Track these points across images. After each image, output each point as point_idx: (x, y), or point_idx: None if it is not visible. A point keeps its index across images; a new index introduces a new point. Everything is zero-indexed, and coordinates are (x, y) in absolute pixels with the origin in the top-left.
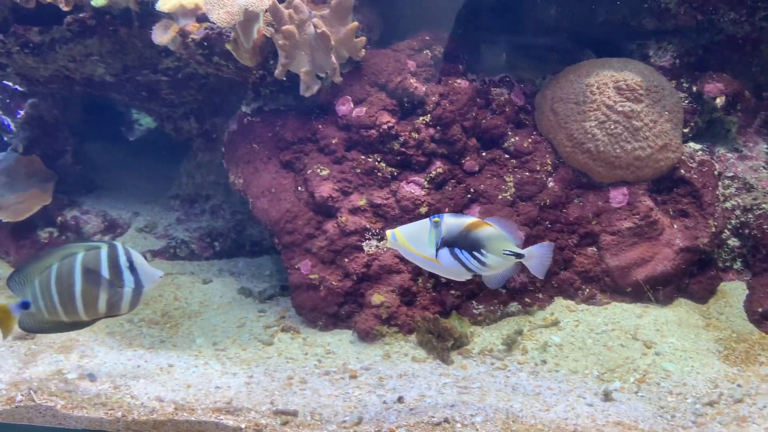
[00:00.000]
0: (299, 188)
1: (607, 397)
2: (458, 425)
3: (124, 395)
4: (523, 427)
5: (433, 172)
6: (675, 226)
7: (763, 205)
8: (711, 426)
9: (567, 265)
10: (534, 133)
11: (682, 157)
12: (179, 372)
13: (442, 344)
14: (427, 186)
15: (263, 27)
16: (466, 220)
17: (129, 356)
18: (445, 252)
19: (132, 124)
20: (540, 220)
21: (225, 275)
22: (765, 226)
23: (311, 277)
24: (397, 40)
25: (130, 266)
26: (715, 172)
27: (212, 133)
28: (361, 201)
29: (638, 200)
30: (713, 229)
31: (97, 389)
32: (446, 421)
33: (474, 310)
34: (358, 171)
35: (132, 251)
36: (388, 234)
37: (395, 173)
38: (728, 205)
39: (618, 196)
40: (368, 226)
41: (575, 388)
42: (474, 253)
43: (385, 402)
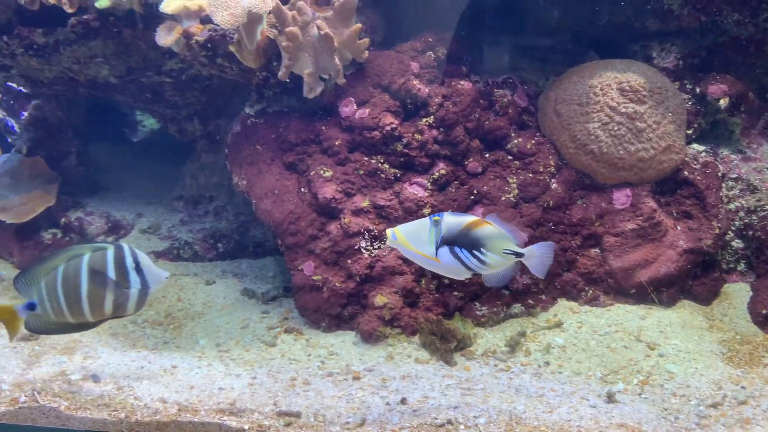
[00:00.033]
0: (302, 190)
1: (611, 398)
2: (461, 427)
3: (127, 396)
4: (526, 429)
5: (436, 174)
6: (678, 227)
7: (767, 207)
8: (715, 428)
9: (570, 267)
10: (537, 134)
11: (686, 159)
12: (182, 373)
13: (446, 346)
14: (430, 187)
15: (267, 29)
16: (466, 219)
17: (132, 357)
18: (445, 251)
19: (135, 125)
20: (543, 221)
21: (228, 276)
22: None
23: (314, 278)
24: (400, 41)
25: (137, 267)
26: (719, 174)
27: (216, 134)
28: (364, 202)
29: (642, 202)
30: (717, 231)
31: (100, 390)
32: (449, 422)
33: (477, 312)
34: (361, 172)
35: (138, 252)
36: (388, 233)
37: (398, 175)
38: (732, 206)
39: (621, 198)
40: (371, 227)
41: (578, 390)
42: (474, 251)
43: (388, 403)
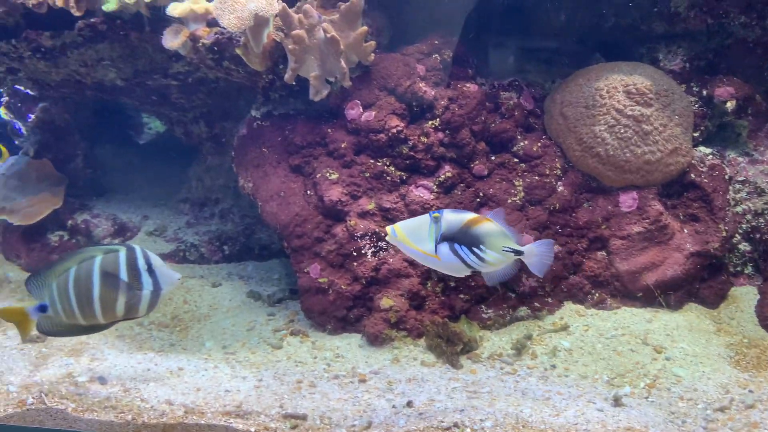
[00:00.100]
0: (308, 192)
1: (617, 402)
2: (468, 430)
3: (134, 398)
4: None
5: (442, 176)
6: (685, 230)
7: None
8: None
9: (577, 270)
10: (543, 137)
11: (693, 161)
12: (189, 375)
13: (452, 348)
14: (436, 190)
15: (273, 32)
16: (466, 216)
17: (139, 359)
18: (445, 248)
19: (141, 127)
20: (549, 224)
21: (234, 279)
22: None
23: (320, 280)
24: (406, 44)
25: (149, 269)
26: (726, 177)
27: (222, 137)
28: (370, 205)
29: (648, 204)
30: (724, 234)
31: (107, 392)
32: (456, 425)
33: (483, 315)
34: (367, 175)
35: (150, 254)
36: (388, 229)
37: (404, 177)
38: (739, 209)
39: (628, 201)
40: (377, 230)
41: (585, 393)
42: (473, 249)
43: (394, 406)
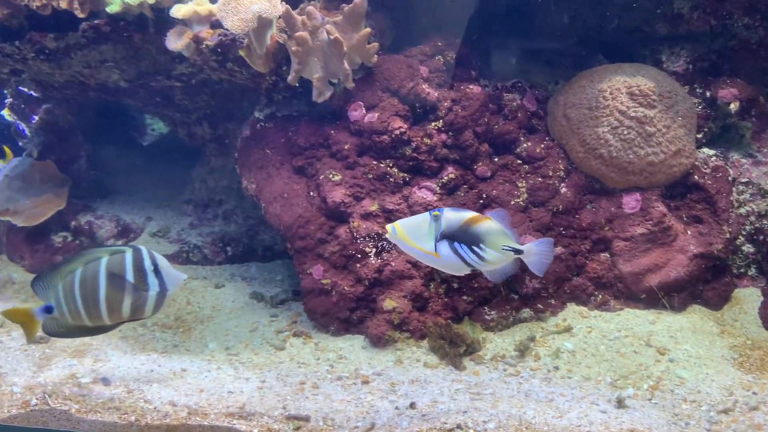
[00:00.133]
0: (311, 193)
1: (621, 404)
2: (471, 431)
3: (137, 399)
4: None
5: (445, 178)
6: (689, 232)
7: None
8: None
9: (580, 271)
10: (546, 138)
11: (696, 163)
12: (192, 376)
13: (455, 350)
14: (439, 191)
15: (276, 33)
16: (466, 215)
17: (142, 360)
18: (445, 246)
19: (145, 129)
20: (553, 225)
21: (237, 280)
22: None
23: (323, 282)
24: (409, 45)
25: (155, 270)
26: (729, 178)
27: (225, 138)
28: (373, 206)
29: (651, 206)
30: (727, 236)
31: (110, 393)
32: (459, 427)
33: (486, 316)
34: (370, 176)
35: (156, 255)
36: (389, 227)
37: (407, 179)
38: (742, 211)
39: (631, 202)
40: (380, 231)
41: (588, 395)
42: (473, 247)
43: (397, 408)
